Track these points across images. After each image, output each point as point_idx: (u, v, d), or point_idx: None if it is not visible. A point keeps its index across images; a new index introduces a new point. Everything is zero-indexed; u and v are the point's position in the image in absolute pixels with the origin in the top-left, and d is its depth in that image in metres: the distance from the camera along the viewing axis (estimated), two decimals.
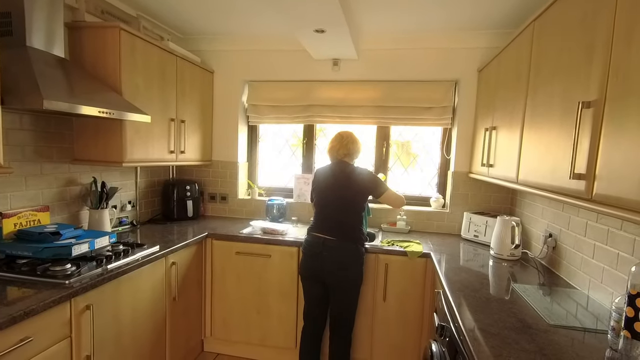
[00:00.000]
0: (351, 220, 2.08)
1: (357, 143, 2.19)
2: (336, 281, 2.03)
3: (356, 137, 2.20)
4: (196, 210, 2.87)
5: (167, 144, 2.43)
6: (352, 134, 2.19)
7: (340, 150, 2.16)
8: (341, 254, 2.02)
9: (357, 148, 2.18)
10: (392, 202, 2.19)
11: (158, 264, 1.99)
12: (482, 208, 2.67)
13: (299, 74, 2.87)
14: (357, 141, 2.19)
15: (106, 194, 2.17)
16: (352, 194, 2.08)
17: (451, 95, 2.71)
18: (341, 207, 2.08)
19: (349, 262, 2.03)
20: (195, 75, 2.70)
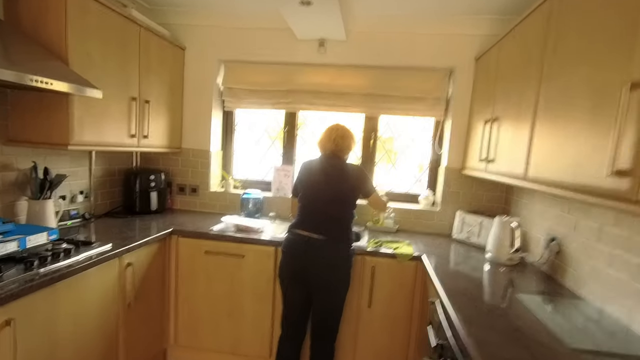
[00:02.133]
0: (343, 218, 1.90)
1: (352, 138, 2.01)
2: (322, 283, 1.81)
3: (351, 132, 2.01)
4: (162, 203, 2.56)
5: (127, 126, 2.12)
6: (346, 129, 2.00)
7: (332, 144, 1.94)
8: (330, 253, 1.80)
9: (352, 143, 2.00)
10: (378, 204, 2.10)
11: (109, 266, 1.70)
12: (474, 207, 2.50)
13: (281, 56, 2.60)
14: (352, 136, 2.00)
15: (49, 182, 1.84)
16: (346, 189, 1.90)
17: (445, 85, 2.51)
18: (334, 203, 1.87)
19: (338, 263, 1.81)
20: (163, 51, 2.38)
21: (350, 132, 1.99)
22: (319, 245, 1.80)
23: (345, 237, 1.88)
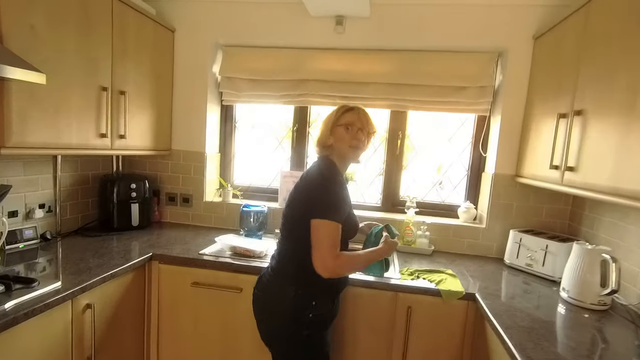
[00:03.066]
0: (285, 246, 1.34)
1: (324, 122, 1.40)
2: (264, 340, 1.41)
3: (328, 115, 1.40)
4: (145, 216, 2.12)
5: (96, 123, 1.68)
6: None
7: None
8: (264, 297, 1.35)
9: (321, 130, 1.39)
10: (317, 252, 1.20)
11: (59, 311, 1.25)
12: (532, 224, 2.00)
13: (290, 38, 2.13)
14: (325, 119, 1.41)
15: None
16: (289, 205, 1.33)
17: (492, 71, 2.02)
18: (281, 224, 1.36)
19: (269, 311, 1.33)
20: (145, 32, 1.94)
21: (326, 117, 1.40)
22: (261, 284, 1.39)
23: (286, 274, 1.31)
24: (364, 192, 2.35)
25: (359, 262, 1.33)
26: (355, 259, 1.30)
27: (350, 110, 1.36)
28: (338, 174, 1.33)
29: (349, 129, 1.32)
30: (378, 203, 2.33)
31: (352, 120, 1.33)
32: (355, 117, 1.34)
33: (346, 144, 1.32)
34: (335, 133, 1.34)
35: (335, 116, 1.36)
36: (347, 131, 1.32)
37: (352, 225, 1.38)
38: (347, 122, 1.33)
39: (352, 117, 1.34)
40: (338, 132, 1.33)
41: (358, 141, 1.33)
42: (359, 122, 1.34)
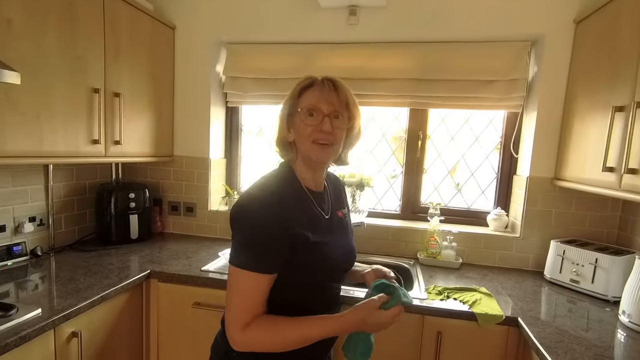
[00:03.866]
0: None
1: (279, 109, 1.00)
2: None
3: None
4: (146, 227, 1.97)
5: (87, 128, 1.53)
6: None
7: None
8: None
9: (277, 121, 0.98)
10: (226, 304, 0.86)
11: (37, 344, 1.09)
12: (572, 233, 1.77)
13: (298, 33, 1.96)
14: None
15: None
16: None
17: (525, 62, 1.80)
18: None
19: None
20: (141, 28, 1.79)
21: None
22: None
23: (218, 338, 0.99)
24: (380, 198, 2.15)
25: (283, 340, 0.81)
26: (277, 335, 0.81)
27: (311, 87, 0.90)
28: (277, 193, 0.86)
29: (313, 116, 0.88)
30: (397, 210, 2.13)
31: (314, 101, 0.87)
32: (317, 96, 0.88)
33: (308, 140, 0.88)
34: (294, 124, 0.91)
35: (291, 98, 0.92)
36: (309, 119, 0.88)
37: (311, 265, 0.88)
38: (308, 105, 0.88)
39: (313, 96, 0.88)
40: (297, 121, 0.89)
41: (326, 134, 0.87)
42: (326, 103, 0.87)
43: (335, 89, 0.90)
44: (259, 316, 0.82)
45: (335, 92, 0.89)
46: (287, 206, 0.85)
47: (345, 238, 1.02)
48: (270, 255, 0.82)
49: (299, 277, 0.88)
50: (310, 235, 0.87)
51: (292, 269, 0.85)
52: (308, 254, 0.87)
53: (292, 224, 0.84)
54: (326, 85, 0.90)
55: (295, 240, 0.84)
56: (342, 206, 1.07)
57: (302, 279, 0.88)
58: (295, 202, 0.89)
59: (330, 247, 0.93)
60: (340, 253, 0.97)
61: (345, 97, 0.90)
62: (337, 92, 0.89)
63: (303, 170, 0.96)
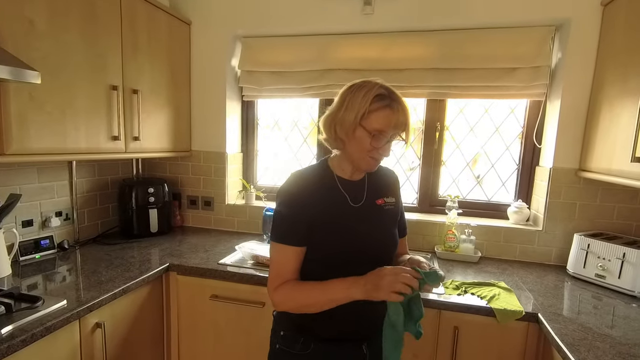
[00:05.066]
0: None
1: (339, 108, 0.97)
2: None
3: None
4: (164, 221, 2.01)
5: (107, 125, 1.57)
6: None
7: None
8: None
9: (330, 117, 0.97)
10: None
11: (62, 334, 1.14)
12: (598, 226, 1.70)
13: (313, 24, 1.93)
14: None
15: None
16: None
17: (549, 48, 1.72)
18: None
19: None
20: (158, 25, 1.81)
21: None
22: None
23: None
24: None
25: (306, 298, 0.92)
26: (300, 294, 0.93)
27: (388, 108, 0.89)
28: (303, 179, 0.98)
29: (378, 137, 0.90)
30: (414, 203, 2.10)
31: (387, 124, 0.89)
32: (392, 120, 0.89)
33: (365, 154, 0.93)
34: (355, 135, 0.91)
35: (362, 108, 0.88)
36: (374, 141, 0.90)
37: (328, 245, 0.95)
38: (377, 128, 0.89)
39: (389, 118, 0.89)
40: (359, 135, 0.90)
41: (382, 155, 0.94)
42: (393, 128, 0.90)
43: (404, 112, 0.91)
44: (289, 281, 0.95)
45: (404, 115, 0.91)
46: (310, 191, 0.96)
47: (378, 227, 1.02)
48: (293, 230, 0.95)
49: (319, 256, 0.96)
50: (328, 218, 0.96)
51: (313, 246, 0.96)
52: (324, 234, 0.95)
53: (310, 206, 0.95)
54: (398, 110, 0.90)
55: (313, 220, 0.94)
56: (385, 195, 1.05)
57: (323, 258, 0.96)
58: (320, 188, 0.98)
59: (353, 232, 0.97)
60: (367, 240, 0.98)
61: (408, 121, 0.93)
62: (404, 115, 0.91)
63: (343, 162, 1.01)
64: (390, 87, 0.92)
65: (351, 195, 1.00)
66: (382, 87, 0.90)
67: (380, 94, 0.89)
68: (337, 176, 1.01)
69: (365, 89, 0.90)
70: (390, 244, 1.03)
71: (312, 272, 0.96)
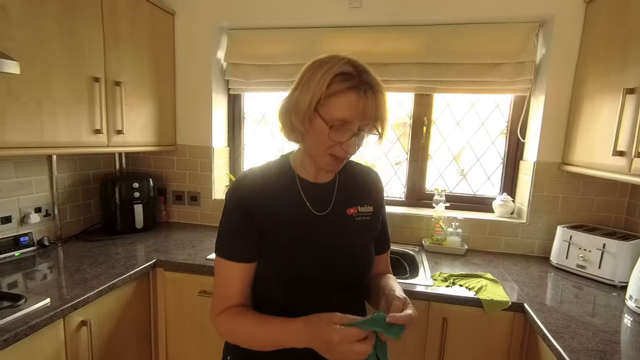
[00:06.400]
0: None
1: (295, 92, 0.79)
2: None
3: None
4: (151, 217, 1.97)
5: (89, 118, 1.51)
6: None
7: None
8: None
9: (285, 106, 0.80)
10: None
11: (47, 333, 1.10)
12: (579, 218, 1.75)
13: (300, 17, 1.91)
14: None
15: None
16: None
17: (533, 44, 1.75)
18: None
19: None
20: (140, 15, 1.75)
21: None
22: None
23: None
24: (385, 184, 2.14)
25: (245, 334, 0.77)
26: (240, 327, 0.77)
27: (354, 91, 0.70)
28: (252, 181, 0.81)
29: (339, 129, 0.73)
30: (401, 197, 2.12)
31: (347, 115, 0.71)
32: (359, 107, 0.71)
33: (324, 150, 0.76)
34: (313, 125, 0.74)
35: (319, 90, 0.70)
36: (334, 134, 0.72)
37: (279, 263, 0.79)
38: (338, 118, 0.71)
39: (354, 105, 0.70)
40: (317, 125, 0.73)
41: (346, 152, 0.75)
42: (360, 118, 0.72)
43: (375, 99, 0.72)
44: (234, 306, 0.79)
45: (374, 103, 0.72)
46: (261, 193, 0.79)
47: (347, 243, 0.83)
48: (238, 242, 0.79)
49: (268, 273, 0.79)
50: (281, 228, 0.79)
51: (261, 261, 0.80)
52: (275, 249, 0.79)
53: (260, 212, 0.78)
54: (367, 94, 0.71)
55: (263, 230, 0.78)
56: (358, 202, 0.87)
57: (272, 278, 0.79)
58: (275, 189, 0.81)
59: (313, 248, 0.80)
60: (330, 259, 0.80)
61: (382, 110, 0.73)
62: (376, 103, 0.72)
63: (305, 159, 0.84)
64: (362, 65, 0.73)
65: (313, 201, 0.82)
66: (349, 63, 0.72)
67: (345, 73, 0.70)
68: (298, 176, 0.84)
69: (327, 66, 0.71)
70: (361, 264, 0.84)
71: (262, 291, 0.81)
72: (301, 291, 0.78)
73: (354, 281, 0.84)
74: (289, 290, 0.78)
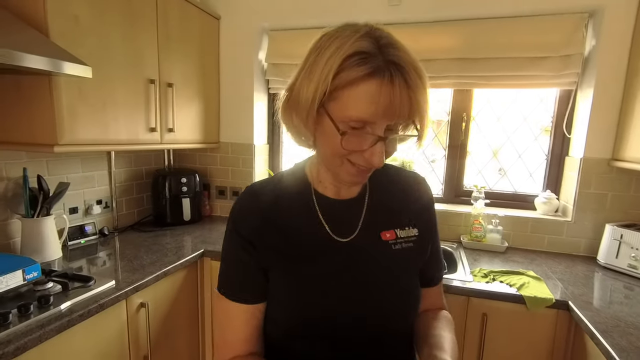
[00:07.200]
0: None
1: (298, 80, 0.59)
2: None
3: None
4: (196, 210, 2.09)
5: (145, 117, 1.64)
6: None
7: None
8: None
9: (285, 102, 0.64)
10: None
11: (112, 312, 1.23)
12: (630, 217, 1.67)
13: (339, 16, 1.95)
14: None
15: (43, 194, 1.42)
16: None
17: (581, 35, 1.69)
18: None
19: None
20: (190, 19, 1.87)
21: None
22: None
23: None
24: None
25: None
26: None
27: (375, 76, 0.48)
28: (256, 200, 0.64)
29: (359, 134, 0.52)
30: (439, 194, 2.11)
31: (365, 114, 0.50)
32: (383, 102, 0.48)
33: (340, 157, 0.55)
34: (321, 125, 0.55)
35: (324, 79, 0.50)
36: (352, 137, 0.52)
37: (288, 305, 0.61)
38: (359, 117, 0.50)
39: (375, 101, 0.49)
40: (327, 127, 0.53)
41: (369, 163, 0.53)
42: (386, 117, 0.50)
43: (407, 86, 0.48)
44: (241, 357, 0.62)
45: (406, 92, 0.48)
46: (262, 216, 0.62)
47: (382, 279, 0.62)
48: (237, 277, 0.63)
49: (278, 317, 0.62)
50: (291, 260, 0.61)
51: (270, 302, 0.63)
52: (284, 286, 0.61)
53: (259, 242, 0.61)
54: (394, 81, 0.48)
55: (269, 261, 0.62)
56: (397, 224, 0.65)
57: (282, 323, 0.62)
58: (284, 212, 0.63)
59: (333, 287, 0.60)
60: (356, 302, 0.60)
61: (419, 101, 0.50)
62: (409, 92, 0.49)
63: (321, 171, 0.65)
64: (387, 36, 0.52)
65: (335, 223, 0.63)
66: (368, 34, 0.50)
67: (361, 52, 0.48)
68: (314, 191, 0.65)
69: (337, 43, 0.50)
70: (401, 308, 0.63)
71: (271, 335, 0.64)
72: (320, 344, 0.59)
73: (388, 331, 0.62)
74: (304, 342, 0.60)
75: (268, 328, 0.64)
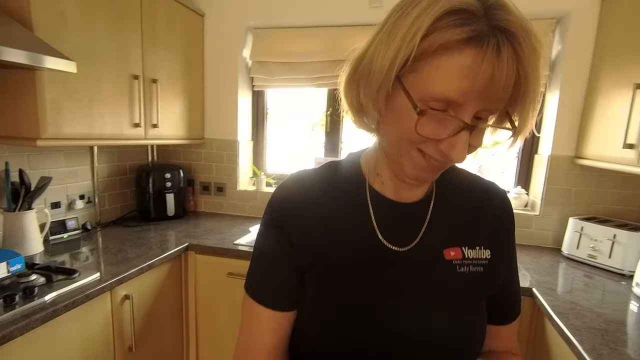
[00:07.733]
0: None
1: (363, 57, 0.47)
2: None
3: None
4: (180, 206, 2.11)
5: (129, 112, 1.66)
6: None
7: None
8: None
9: (348, 82, 0.49)
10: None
11: (97, 303, 1.25)
12: (593, 211, 1.79)
13: (323, 16, 2.01)
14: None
15: (25, 188, 1.42)
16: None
17: (549, 40, 1.80)
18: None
19: None
20: (175, 16, 1.89)
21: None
22: None
23: None
24: None
25: None
26: None
27: (474, 43, 0.37)
28: (299, 195, 0.56)
29: (441, 117, 0.41)
30: None
31: (465, 89, 0.38)
32: (479, 78, 0.37)
33: (409, 145, 0.45)
34: (393, 102, 0.43)
35: (409, 45, 0.38)
36: (431, 120, 0.41)
37: (321, 324, 0.52)
38: (445, 94, 0.39)
39: (470, 75, 0.38)
40: (399, 105, 0.43)
41: (448, 156, 0.43)
42: (486, 97, 0.39)
43: (518, 59, 0.38)
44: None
45: (514, 67, 0.38)
46: (305, 213, 0.53)
47: (437, 307, 0.51)
48: (269, 279, 0.55)
49: (311, 334, 0.53)
50: (328, 269, 0.52)
51: (306, 313, 0.53)
52: (319, 298, 0.52)
53: (299, 243, 0.53)
54: (500, 52, 0.38)
55: (307, 266, 0.53)
56: (466, 241, 0.54)
57: (313, 344, 0.52)
58: (330, 211, 0.54)
59: (377, 308, 0.50)
60: (403, 330, 0.49)
61: (529, 79, 0.40)
62: (518, 66, 0.39)
63: (380, 164, 0.54)
64: (496, 20, 0.39)
65: (390, 229, 0.53)
66: (468, 8, 0.38)
67: (462, 10, 0.38)
68: (370, 188, 0.55)
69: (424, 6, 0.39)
70: (462, 344, 0.51)
71: (294, 351, 0.56)
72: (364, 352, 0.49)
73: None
74: (342, 348, 0.50)
75: (291, 342, 0.56)
